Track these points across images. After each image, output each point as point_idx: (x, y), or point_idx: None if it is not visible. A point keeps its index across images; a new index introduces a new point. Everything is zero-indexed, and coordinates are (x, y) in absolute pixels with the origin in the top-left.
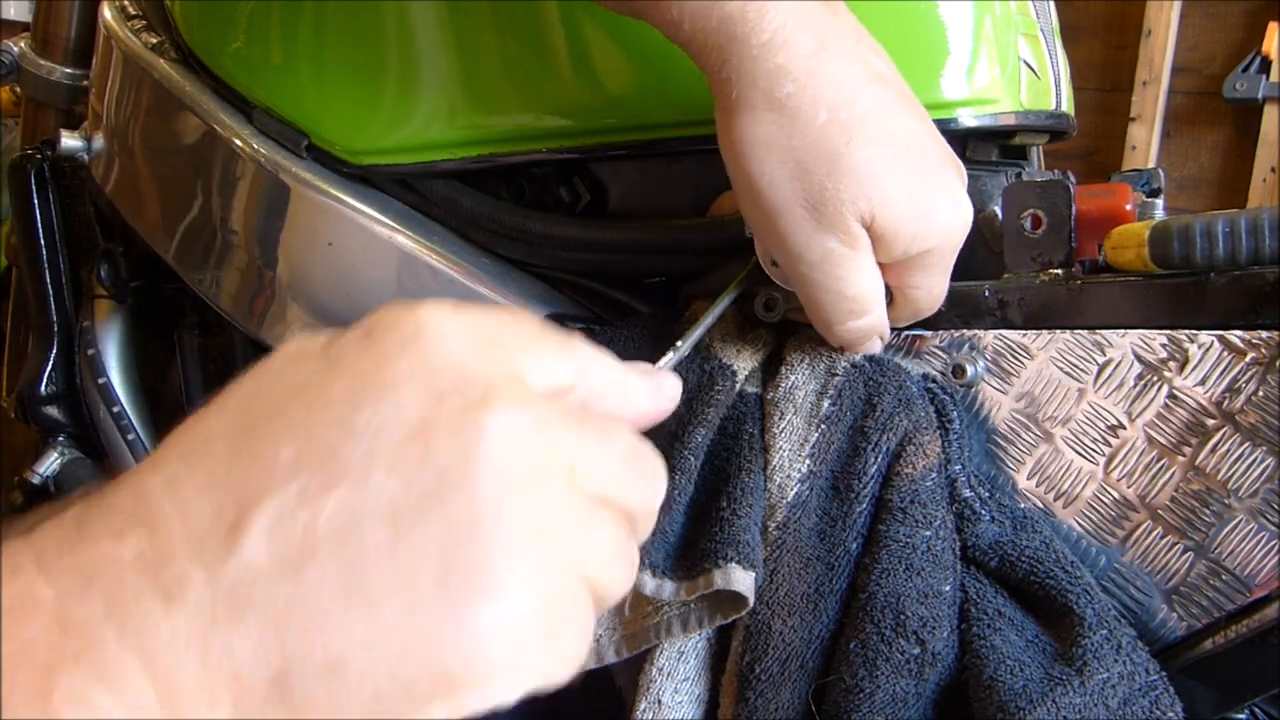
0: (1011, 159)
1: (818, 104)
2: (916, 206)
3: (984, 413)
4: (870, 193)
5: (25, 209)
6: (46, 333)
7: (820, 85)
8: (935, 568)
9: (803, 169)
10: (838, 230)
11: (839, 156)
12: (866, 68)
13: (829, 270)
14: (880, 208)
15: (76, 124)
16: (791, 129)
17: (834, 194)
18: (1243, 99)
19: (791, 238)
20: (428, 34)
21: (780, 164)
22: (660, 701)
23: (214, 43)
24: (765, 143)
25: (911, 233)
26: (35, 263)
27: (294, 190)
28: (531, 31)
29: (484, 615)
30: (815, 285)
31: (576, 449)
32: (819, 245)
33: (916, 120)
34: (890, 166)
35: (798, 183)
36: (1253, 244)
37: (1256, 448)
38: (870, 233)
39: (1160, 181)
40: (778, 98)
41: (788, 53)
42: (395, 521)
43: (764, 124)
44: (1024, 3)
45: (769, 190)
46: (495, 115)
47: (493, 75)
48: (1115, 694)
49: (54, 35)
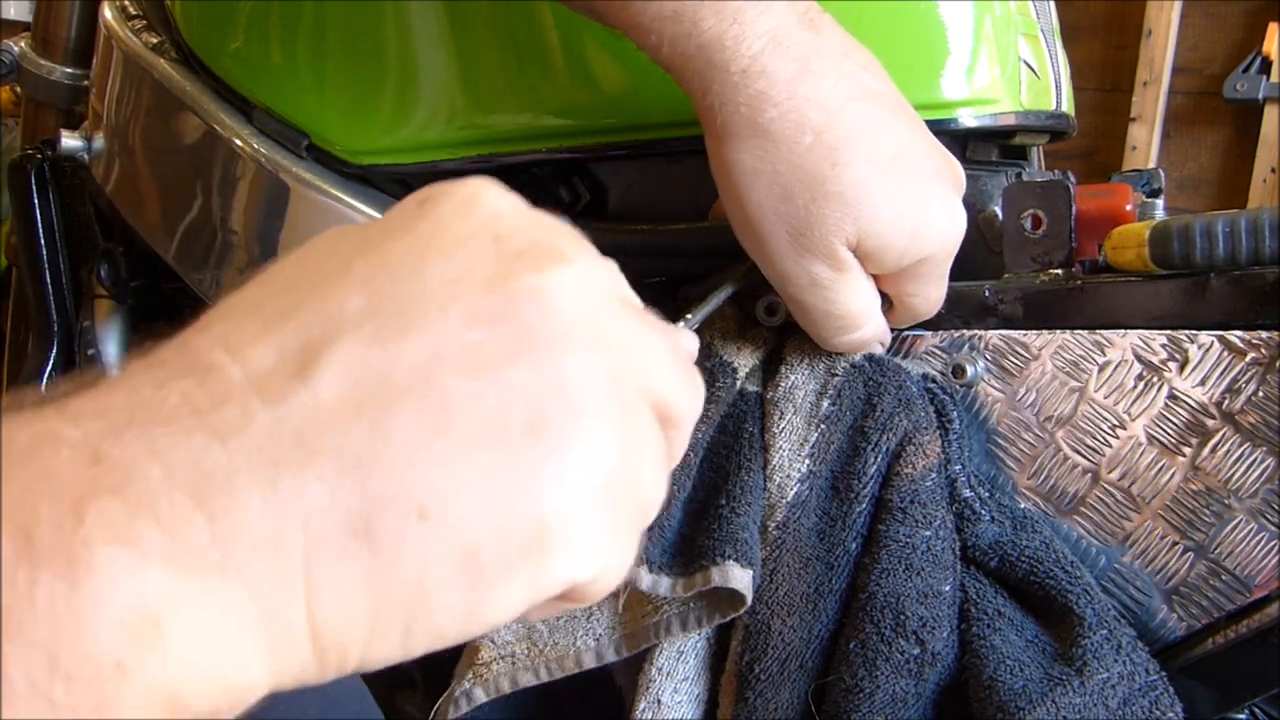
0: (1011, 159)
1: (802, 127)
2: (907, 221)
3: (984, 413)
4: (856, 214)
5: (25, 209)
6: (46, 333)
7: (804, 109)
8: (935, 568)
9: (787, 194)
10: (822, 256)
11: (824, 180)
12: (853, 84)
13: (817, 293)
14: (868, 226)
15: (76, 124)
16: (776, 154)
17: (818, 220)
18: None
19: (778, 263)
20: (427, 34)
21: (767, 190)
22: (660, 701)
23: (214, 43)
24: (751, 170)
25: (903, 247)
26: (35, 263)
27: (294, 190)
28: (531, 31)
29: (577, 467)
30: (805, 306)
31: (642, 331)
32: (804, 271)
33: (909, 132)
34: (878, 185)
35: (782, 207)
36: (1253, 244)
37: (1256, 448)
38: (858, 252)
39: (1160, 182)
40: (761, 123)
41: (768, 79)
42: (480, 370)
43: (749, 151)
44: (1024, 3)
45: (755, 215)
46: (495, 115)
47: (493, 75)
48: (1115, 694)
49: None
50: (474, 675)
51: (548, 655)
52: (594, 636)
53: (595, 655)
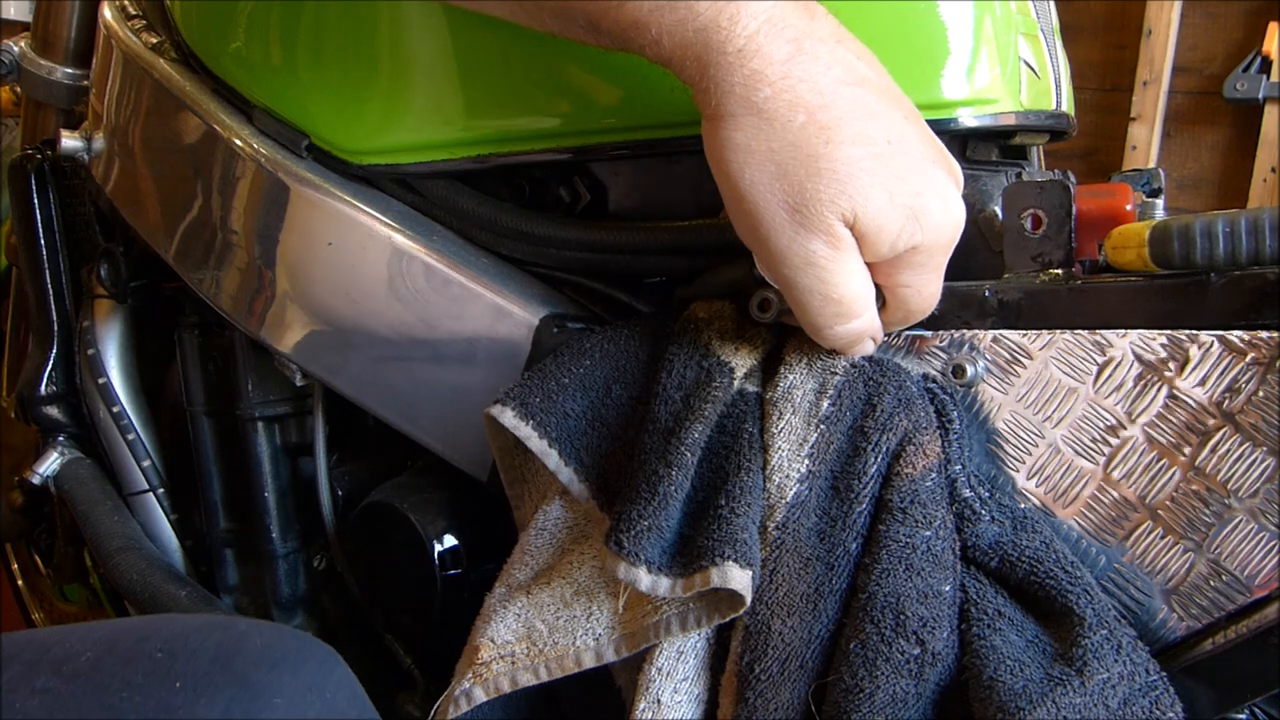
0: (1011, 159)
1: (795, 107)
2: (899, 204)
3: (984, 413)
4: (851, 192)
5: (25, 209)
6: (46, 333)
7: (797, 89)
8: (935, 568)
9: (783, 171)
10: (820, 231)
11: (818, 158)
12: (845, 69)
13: (813, 273)
14: (862, 206)
15: (76, 124)
16: (770, 132)
17: (814, 194)
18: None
19: (774, 240)
20: (427, 34)
21: (760, 167)
22: (660, 701)
23: (214, 43)
24: (745, 147)
25: (896, 230)
26: (35, 263)
27: (294, 190)
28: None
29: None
30: (801, 289)
31: None
32: (801, 248)
33: (901, 120)
34: (870, 167)
35: (778, 185)
36: (1253, 244)
37: (1256, 448)
38: (854, 232)
39: (1160, 181)
40: (755, 102)
41: (763, 58)
42: None
43: (743, 129)
44: (1024, 3)
45: (750, 193)
46: (495, 115)
47: (492, 75)
48: (1115, 694)
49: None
50: (474, 675)
51: (548, 655)
52: (594, 636)
53: (595, 655)
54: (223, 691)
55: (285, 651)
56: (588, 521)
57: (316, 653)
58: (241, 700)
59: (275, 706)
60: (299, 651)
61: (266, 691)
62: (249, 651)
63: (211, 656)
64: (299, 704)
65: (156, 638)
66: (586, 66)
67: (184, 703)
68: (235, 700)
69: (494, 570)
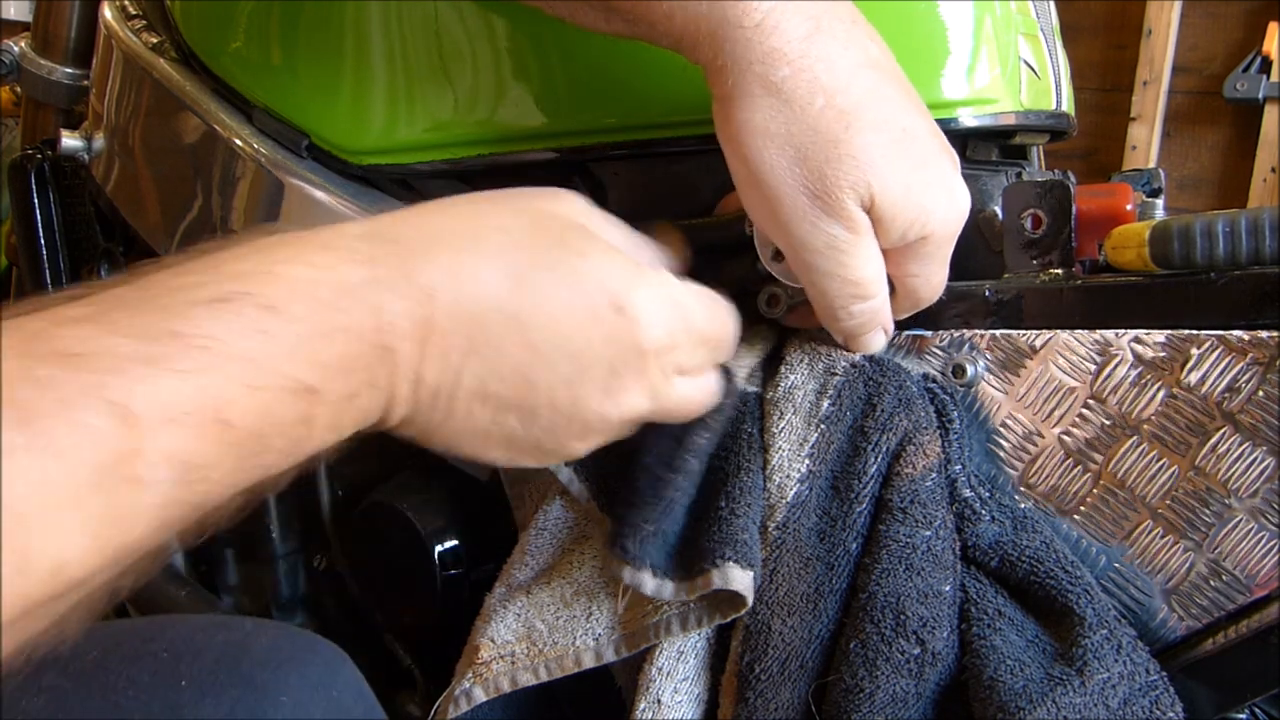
0: (1011, 159)
1: (814, 89)
2: (914, 193)
3: (984, 413)
4: (869, 178)
5: (25, 209)
6: None
7: (815, 69)
8: (935, 568)
9: (802, 155)
10: (840, 216)
11: (838, 143)
12: (862, 53)
13: (833, 256)
14: (880, 192)
15: (76, 124)
16: (789, 115)
17: (835, 180)
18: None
19: (795, 225)
20: (427, 34)
21: (779, 151)
22: (660, 701)
23: (214, 43)
24: (763, 130)
25: (910, 218)
26: (35, 263)
27: (294, 190)
28: (530, 31)
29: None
30: (820, 272)
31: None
32: (823, 232)
33: (913, 110)
34: (888, 153)
35: (798, 169)
36: (1253, 244)
37: (1256, 448)
38: (870, 216)
39: (1160, 181)
40: (773, 81)
41: (781, 35)
42: None
43: (761, 110)
44: (1024, 3)
45: (769, 177)
46: (495, 115)
47: (492, 75)
48: (1115, 694)
49: (54, 35)
50: (473, 675)
51: (547, 655)
52: (594, 636)
53: (595, 655)
54: (229, 691)
55: (291, 650)
56: (588, 521)
57: (323, 652)
58: (248, 699)
59: (282, 705)
60: (305, 650)
61: (273, 690)
62: (255, 651)
63: (217, 656)
64: (306, 703)
65: (162, 638)
66: (587, 66)
67: (190, 701)
68: (241, 699)
69: (494, 570)
